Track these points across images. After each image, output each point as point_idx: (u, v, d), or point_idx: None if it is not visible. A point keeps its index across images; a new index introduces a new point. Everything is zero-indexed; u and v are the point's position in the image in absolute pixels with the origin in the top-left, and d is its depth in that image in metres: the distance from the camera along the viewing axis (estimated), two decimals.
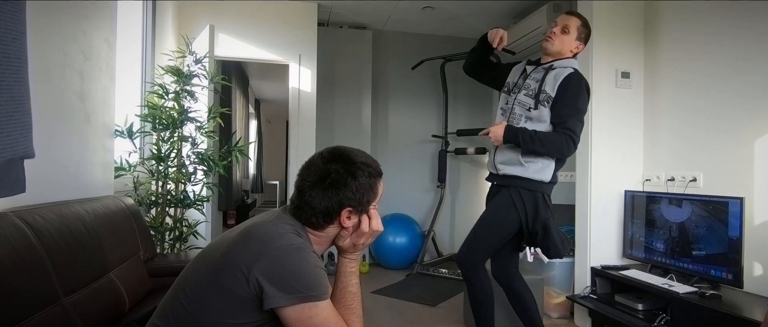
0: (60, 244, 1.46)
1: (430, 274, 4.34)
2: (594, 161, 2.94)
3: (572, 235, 3.07)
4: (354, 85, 4.86)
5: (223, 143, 3.56)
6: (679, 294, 2.20)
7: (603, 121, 2.95)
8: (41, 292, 1.32)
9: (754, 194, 2.30)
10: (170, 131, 2.87)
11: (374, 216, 1.18)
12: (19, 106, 0.87)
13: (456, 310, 3.30)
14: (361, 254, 1.38)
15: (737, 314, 1.94)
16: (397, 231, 4.52)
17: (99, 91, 2.14)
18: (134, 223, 2.20)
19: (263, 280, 1.01)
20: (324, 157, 1.15)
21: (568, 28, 2.08)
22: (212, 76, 3.13)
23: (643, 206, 2.78)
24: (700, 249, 2.38)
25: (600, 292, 2.78)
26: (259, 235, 1.07)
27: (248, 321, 1.05)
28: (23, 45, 0.88)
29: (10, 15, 0.84)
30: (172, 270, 2.12)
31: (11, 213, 1.35)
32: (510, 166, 2.11)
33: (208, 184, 3.12)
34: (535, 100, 2.07)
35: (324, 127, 4.59)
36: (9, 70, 0.84)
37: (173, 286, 1.14)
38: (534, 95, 2.07)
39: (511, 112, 2.15)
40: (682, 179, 2.69)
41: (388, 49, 5.10)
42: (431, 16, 4.62)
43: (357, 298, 1.19)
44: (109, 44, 2.25)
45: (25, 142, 0.89)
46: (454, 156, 5.03)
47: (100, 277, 1.69)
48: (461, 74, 5.27)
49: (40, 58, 1.64)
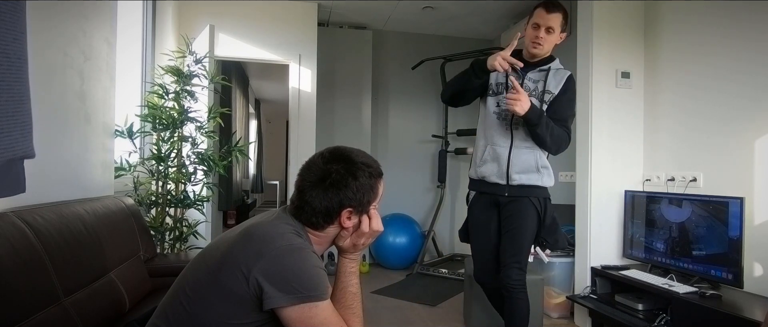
0: (60, 244, 1.46)
1: (430, 274, 4.34)
2: (594, 161, 2.94)
3: (572, 235, 3.07)
4: (354, 85, 4.86)
5: (223, 143, 3.56)
6: (679, 294, 2.20)
7: (603, 121, 2.95)
8: (41, 292, 1.32)
9: (754, 194, 2.30)
10: (170, 131, 2.87)
11: (374, 216, 1.18)
12: (19, 106, 0.87)
13: (456, 310, 3.30)
14: (361, 254, 1.38)
15: (737, 314, 1.94)
16: (397, 231, 4.52)
17: (99, 91, 2.14)
18: (134, 223, 2.20)
19: (263, 280, 1.01)
20: (324, 158, 1.14)
21: (553, 28, 1.98)
22: (212, 76, 3.13)
23: (643, 206, 2.78)
24: (700, 249, 2.38)
25: (600, 292, 2.77)
26: (259, 236, 1.07)
27: (248, 321, 1.05)
28: (23, 45, 0.88)
29: (10, 15, 0.84)
30: (172, 270, 2.12)
31: (11, 213, 1.35)
32: (526, 174, 2.03)
33: (208, 184, 3.12)
34: (539, 101, 2.03)
35: (324, 127, 4.59)
36: (9, 70, 0.84)
37: (173, 287, 1.14)
38: (539, 96, 2.04)
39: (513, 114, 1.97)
40: (683, 179, 2.69)
41: (388, 49, 5.10)
42: (431, 16, 4.62)
43: (357, 298, 1.19)
44: (109, 44, 2.25)
45: (25, 142, 0.89)
46: (454, 156, 5.03)
47: (100, 277, 1.69)
48: None
49: (40, 58, 1.64)
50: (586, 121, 2.93)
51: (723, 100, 2.50)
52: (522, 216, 2.04)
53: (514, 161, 2.04)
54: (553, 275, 3.16)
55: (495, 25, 4.78)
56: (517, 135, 2.05)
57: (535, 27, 1.99)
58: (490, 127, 2.09)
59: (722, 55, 2.52)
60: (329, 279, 1.10)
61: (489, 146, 2.08)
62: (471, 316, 2.83)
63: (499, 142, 2.06)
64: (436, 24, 4.85)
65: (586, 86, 2.96)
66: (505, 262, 2.03)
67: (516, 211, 2.05)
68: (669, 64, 2.87)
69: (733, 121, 2.44)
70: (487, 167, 2.08)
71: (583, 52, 3.02)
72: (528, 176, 2.04)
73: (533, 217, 2.05)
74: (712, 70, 2.57)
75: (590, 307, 2.69)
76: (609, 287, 2.79)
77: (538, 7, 2.01)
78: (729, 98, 2.47)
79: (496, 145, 2.07)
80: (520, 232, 2.03)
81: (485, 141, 2.11)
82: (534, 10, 2.03)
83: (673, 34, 2.84)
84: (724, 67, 2.51)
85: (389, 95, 5.13)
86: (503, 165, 2.05)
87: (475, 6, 4.29)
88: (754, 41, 2.35)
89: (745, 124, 2.37)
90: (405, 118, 5.17)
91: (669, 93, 2.86)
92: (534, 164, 2.04)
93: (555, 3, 2.01)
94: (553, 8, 1.98)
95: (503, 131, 2.06)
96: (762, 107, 2.29)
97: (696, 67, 2.68)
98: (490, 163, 2.08)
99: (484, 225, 2.14)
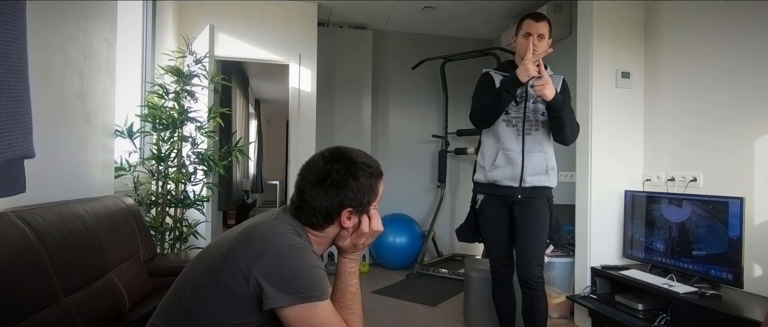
0: (60, 244, 1.46)
1: (430, 274, 4.34)
2: (594, 161, 2.94)
3: (572, 235, 3.07)
4: (354, 85, 4.86)
5: (223, 143, 3.57)
6: (679, 294, 2.20)
7: (603, 121, 2.95)
8: (41, 292, 1.32)
9: (754, 194, 2.30)
10: (170, 131, 2.87)
11: (374, 216, 1.18)
12: (19, 106, 0.87)
13: (456, 310, 3.30)
14: (361, 254, 1.38)
15: (737, 314, 1.94)
16: (397, 231, 4.52)
17: (99, 91, 2.14)
18: (134, 223, 2.20)
19: (263, 280, 1.00)
20: (325, 157, 1.14)
21: (544, 34, 2.11)
22: (212, 76, 3.13)
23: (643, 206, 2.78)
24: (700, 249, 2.38)
25: (600, 292, 2.78)
26: (259, 236, 1.07)
27: (248, 321, 1.05)
28: (23, 45, 0.88)
29: (10, 15, 0.84)
30: (172, 270, 2.12)
31: (11, 213, 1.35)
32: (537, 176, 2.16)
33: (208, 184, 3.12)
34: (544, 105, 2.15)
35: (324, 127, 4.59)
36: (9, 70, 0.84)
37: (173, 286, 1.14)
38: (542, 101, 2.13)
39: (525, 120, 2.16)
40: (683, 179, 2.69)
41: (388, 49, 5.10)
42: (431, 16, 4.62)
43: (357, 298, 1.19)
44: (109, 44, 2.25)
45: (25, 142, 0.89)
46: (454, 156, 5.03)
47: (100, 277, 1.69)
48: (461, 74, 5.25)
49: (40, 58, 1.64)
50: (586, 121, 2.92)
51: (723, 100, 2.50)
52: (540, 216, 2.17)
53: (527, 165, 2.15)
54: (553, 275, 3.16)
55: (495, 25, 4.78)
56: (528, 140, 2.17)
57: (527, 36, 2.12)
58: (501, 133, 2.19)
59: (722, 55, 2.52)
60: (329, 279, 1.10)
61: (501, 151, 2.18)
62: (471, 316, 2.83)
63: (512, 148, 2.17)
64: (436, 24, 4.85)
65: (586, 86, 2.96)
66: (527, 262, 2.14)
67: (533, 212, 2.17)
68: (669, 64, 2.87)
69: (733, 121, 2.44)
70: (500, 172, 2.18)
71: (583, 52, 3.02)
72: (539, 178, 2.17)
73: (547, 217, 2.19)
74: (712, 70, 2.57)
75: (590, 307, 2.69)
76: (609, 287, 2.79)
77: (526, 19, 2.16)
78: (729, 98, 2.47)
79: (509, 150, 2.17)
80: (539, 233, 2.17)
81: (496, 147, 2.20)
82: (521, 22, 2.17)
83: (673, 34, 2.84)
84: (724, 67, 2.51)
85: (389, 95, 5.13)
86: (517, 169, 2.16)
87: (475, 6, 4.29)
88: (754, 41, 2.35)
89: (745, 124, 2.37)
90: (405, 118, 5.17)
91: (669, 93, 2.86)
92: (544, 166, 2.18)
93: (540, 13, 2.18)
94: (540, 17, 2.14)
95: (515, 137, 2.17)
96: (762, 107, 2.29)
97: (696, 67, 2.68)
98: (503, 167, 2.18)
99: (498, 221, 2.24)
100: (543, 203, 2.18)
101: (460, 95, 5.12)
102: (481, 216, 2.30)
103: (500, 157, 2.18)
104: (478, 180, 2.29)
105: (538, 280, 2.13)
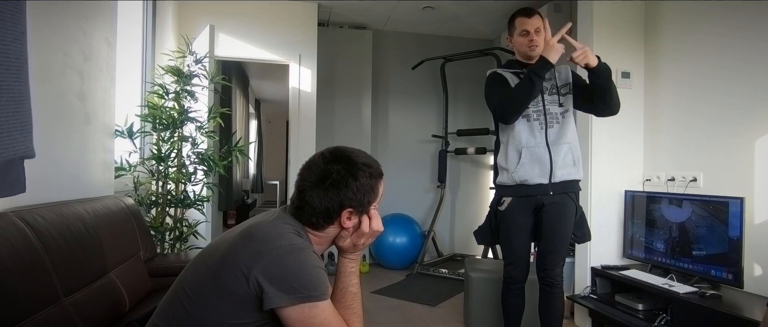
0: (60, 244, 1.46)
1: (430, 274, 4.34)
2: (594, 161, 2.94)
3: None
4: (354, 85, 4.86)
5: (223, 143, 3.56)
6: (679, 294, 2.20)
7: (603, 121, 2.93)
8: (41, 292, 1.32)
9: (754, 194, 2.30)
10: (170, 131, 2.87)
11: (374, 216, 1.18)
12: (19, 106, 0.87)
13: (456, 310, 3.30)
14: (361, 254, 1.38)
15: (737, 314, 1.94)
16: (397, 231, 4.52)
17: (99, 91, 2.14)
18: (134, 223, 2.20)
19: (263, 280, 1.00)
20: (325, 158, 1.14)
21: (540, 29, 2.10)
22: (212, 76, 3.13)
23: (644, 206, 2.78)
24: (701, 249, 2.38)
25: (600, 292, 2.78)
26: (259, 236, 1.07)
27: (248, 321, 1.05)
28: (23, 45, 0.88)
29: (10, 15, 0.84)
30: (172, 270, 2.12)
31: (11, 213, 1.35)
32: (566, 169, 2.11)
33: (208, 184, 3.12)
34: (558, 96, 2.15)
35: (324, 127, 4.59)
36: (9, 70, 0.84)
37: (173, 287, 1.14)
38: (556, 92, 2.14)
39: (546, 114, 2.11)
40: (683, 179, 2.69)
41: (388, 49, 5.10)
42: (431, 16, 4.62)
43: (357, 298, 1.19)
44: (109, 44, 2.25)
45: (25, 142, 0.89)
46: (454, 156, 5.03)
47: (100, 277, 1.69)
48: (461, 74, 5.26)
49: (40, 58, 1.64)
50: (586, 121, 2.92)
51: (723, 100, 2.50)
52: (566, 216, 2.14)
53: (555, 158, 2.10)
54: None
55: (495, 25, 4.78)
56: (551, 133, 2.11)
57: (525, 33, 2.10)
58: (522, 131, 2.11)
59: (722, 55, 2.52)
60: (329, 279, 1.10)
61: (525, 149, 2.10)
62: (471, 317, 2.83)
63: (537, 143, 2.10)
64: (436, 24, 4.85)
65: None
66: (553, 263, 2.14)
67: (560, 212, 2.13)
68: (669, 64, 2.87)
69: (733, 121, 2.44)
70: (527, 170, 2.10)
71: None
72: (567, 171, 2.12)
73: (573, 215, 2.16)
74: (712, 70, 2.57)
75: (590, 307, 2.69)
76: (609, 287, 2.79)
77: (517, 17, 2.13)
78: (729, 98, 2.47)
79: (533, 146, 2.10)
80: (565, 233, 2.15)
81: (517, 146, 2.12)
82: (513, 21, 2.14)
83: (673, 34, 2.84)
84: (724, 67, 2.51)
85: (389, 95, 5.13)
86: (546, 164, 2.09)
87: (475, 6, 4.29)
88: (754, 41, 2.35)
89: (745, 124, 2.37)
90: (405, 118, 5.17)
91: (669, 93, 2.86)
92: (571, 158, 2.13)
93: (529, 8, 2.15)
94: (531, 12, 2.11)
95: (535, 133, 2.10)
96: (762, 107, 2.29)
97: (696, 67, 2.68)
98: (529, 164, 2.10)
99: (523, 228, 2.17)
100: (570, 201, 2.14)
101: (460, 95, 5.13)
102: (504, 220, 2.20)
103: (525, 155, 2.10)
104: (503, 182, 2.18)
105: (560, 280, 2.16)
